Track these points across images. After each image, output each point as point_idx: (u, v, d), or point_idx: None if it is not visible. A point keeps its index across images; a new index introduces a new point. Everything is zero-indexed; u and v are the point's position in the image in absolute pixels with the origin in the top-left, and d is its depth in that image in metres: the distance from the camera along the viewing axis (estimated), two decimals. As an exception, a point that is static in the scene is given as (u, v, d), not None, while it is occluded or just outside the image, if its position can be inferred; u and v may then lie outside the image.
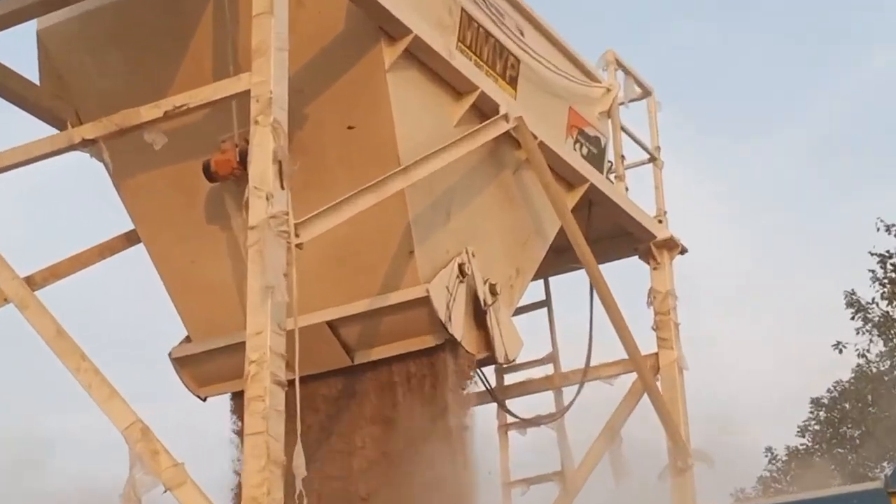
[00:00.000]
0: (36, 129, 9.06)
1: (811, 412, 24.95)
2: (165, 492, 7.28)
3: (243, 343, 7.24)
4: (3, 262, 8.20)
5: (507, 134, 9.19)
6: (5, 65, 8.98)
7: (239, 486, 7.87)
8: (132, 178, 8.96)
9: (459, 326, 8.73)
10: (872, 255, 24.25)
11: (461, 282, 8.81)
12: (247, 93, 7.61)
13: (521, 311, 10.33)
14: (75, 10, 8.58)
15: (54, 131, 8.94)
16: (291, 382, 7.26)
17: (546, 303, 11.02)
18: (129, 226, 9.34)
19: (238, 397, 8.84)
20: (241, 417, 8.19)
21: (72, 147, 8.30)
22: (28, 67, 9.01)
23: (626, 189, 10.75)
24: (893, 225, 24.36)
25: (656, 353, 10.65)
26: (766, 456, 24.63)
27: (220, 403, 9.22)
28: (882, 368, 24.05)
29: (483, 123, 9.01)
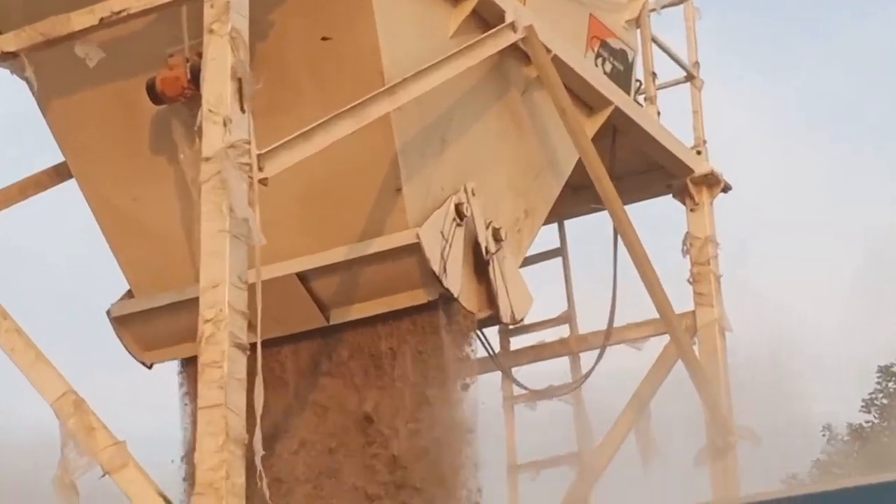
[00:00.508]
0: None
1: (878, 383, 25.10)
2: (104, 476, 7.32)
3: (196, 299, 7.26)
4: None
5: (514, 46, 9.16)
6: None
7: (192, 468, 7.89)
8: (62, 99, 8.92)
9: (456, 279, 8.74)
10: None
11: (458, 225, 8.82)
12: (200, -5, 7.58)
13: (530, 260, 10.34)
14: None
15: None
16: (253, 346, 7.28)
17: (561, 251, 11.03)
18: (59, 157, 9.32)
19: (190, 364, 8.87)
20: (193, 388, 8.21)
21: (-11, 62, 8.30)
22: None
23: (658, 113, 10.73)
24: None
25: (693, 312, 10.67)
26: (824, 435, 24.79)
27: (170, 371, 9.27)
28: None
29: (485, 34, 8.98)
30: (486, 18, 9.06)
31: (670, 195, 10.93)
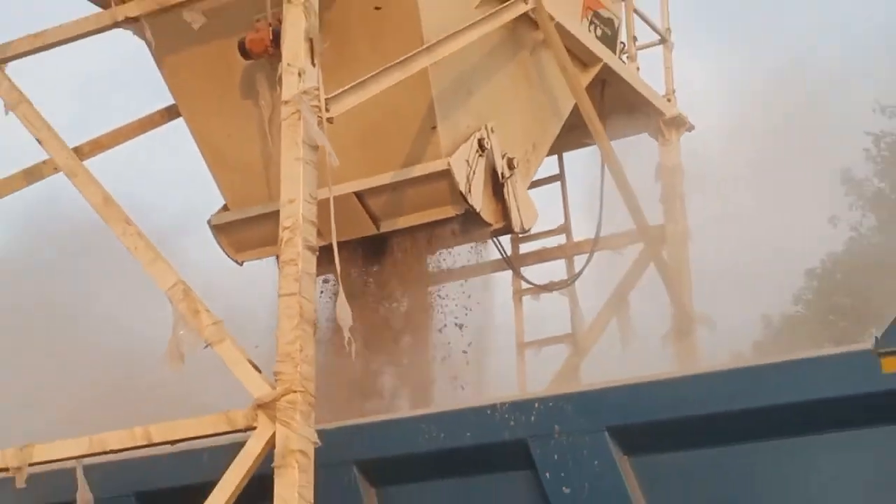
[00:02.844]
0: (81, 9, 9.02)
1: (805, 283, 25.00)
2: (206, 347, 7.39)
3: (277, 212, 7.31)
4: (54, 134, 8.26)
5: (525, 15, 9.12)
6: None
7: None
8: (173, 55, 8.94)
9: (479, 197, 8.78)
10: (868, 134, 24.59)
11: (480, 156, 8.84)
12: (280, -25, 7.56)
13: (536, 184, 10.34)
14: None
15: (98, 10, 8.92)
16: (322, 248, 7.34)
17: (559, 177, 11.02)
18: (170, 101, 9.35)
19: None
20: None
21: (115, 24, 8.31)
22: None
23: (638, 69, 10.66)
24: (888, 107, 24.71)
25: (662, 225, 10.67)
26: (763, 324, 24.73)
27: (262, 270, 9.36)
28: (874, 242, 24.11)
29: (503, 5, 8.95)
30: (503, -7, 9.04)
31: (646, 133, 10.91)
